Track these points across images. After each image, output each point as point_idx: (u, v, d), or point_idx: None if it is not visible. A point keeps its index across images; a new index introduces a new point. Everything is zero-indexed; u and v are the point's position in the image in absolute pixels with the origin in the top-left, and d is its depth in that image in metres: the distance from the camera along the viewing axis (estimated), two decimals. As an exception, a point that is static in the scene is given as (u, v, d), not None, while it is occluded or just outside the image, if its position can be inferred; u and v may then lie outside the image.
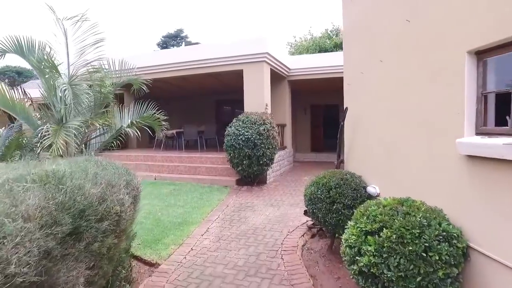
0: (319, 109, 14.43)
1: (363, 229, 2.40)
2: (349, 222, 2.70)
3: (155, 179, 9.06)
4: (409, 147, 2.97)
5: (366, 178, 4.01)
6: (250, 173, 7.85)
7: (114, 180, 2.06)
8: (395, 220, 2.27)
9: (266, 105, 8.78)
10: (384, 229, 2.27)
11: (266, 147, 7.62)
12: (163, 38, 38.62)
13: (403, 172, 3.11)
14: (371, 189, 3.75)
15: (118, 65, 4.43)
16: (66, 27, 3.53)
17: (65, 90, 2.99)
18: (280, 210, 6.11)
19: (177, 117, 16.59)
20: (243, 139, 7.48)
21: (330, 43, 25.63)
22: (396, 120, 3.23)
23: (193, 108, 16.28)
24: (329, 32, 28.25)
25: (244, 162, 7.60)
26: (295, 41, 29.01)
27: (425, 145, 2.72)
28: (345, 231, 2.65)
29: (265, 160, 7.72)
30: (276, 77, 10.97)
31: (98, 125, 3.32)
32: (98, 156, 3.61)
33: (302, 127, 14.55)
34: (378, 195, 3.67)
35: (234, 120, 8.07)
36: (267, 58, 8.71)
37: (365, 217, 2.48)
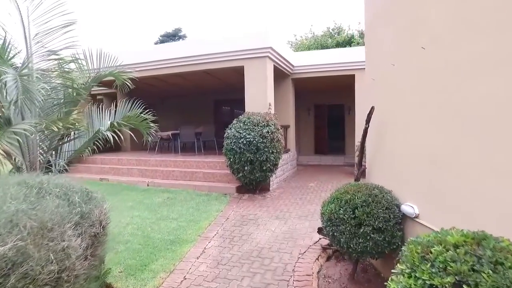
0: (323, 109, 13.70)
1: (428, 282, 1.65)
2: (397, 265, 1.95)
3: (148, 185, 8.30)
4: (474, 157, 2.22)
5: (397, 193, 3.26)
6: (252, 180, 7.10)
7: (54, 219, 1.32)
8: (482, 274, 1.52)
9: (270, 105, 8.04)
10: (464, 287, 1.52)
11: (270, 151, 6.88)
12: (160, 38, 37.82)
13: (462, 191, 2.36)
14: (408, 209, 3.01)
15: (96, 57, 3.68)
16: (24, 5, 2.78)
17: (14, 83, 2.26)
18: (287, 224, 5.36)
19: (173, 117, 15.85)
20: (245, 142, 6.74)
21: (332, 42, 24.93)
22: (449, 121, 2.48)
23: (190, 108, 15.52)
24: (331, 31, 27.55)
25: (246, 168, 6.85)
26: (296, 39, 28.30)
27: (504, 156, 1.98)
28: (392, 279, 1.89)
29: (269, 165, 6.97)
30: (279, 75, 10.23)
31: (56, 128, 2.58)
32: (74, 165, 2.85)
33: (305, 128, 13.82)
34: (416, 216, 2.93)
35: (234, 121, 7.32)
36: (270, 53, 7.97)
37: (427, 263, 1.72)
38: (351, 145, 13.07)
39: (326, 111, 13.67)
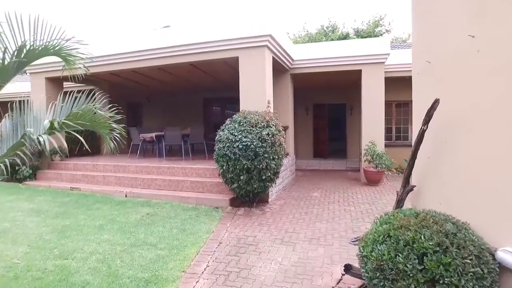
0: (322, 109, 12.65)
1: None
2: None
3: (126, 196, 7.09)
4: None
5: (480, 229, 2.17)
6: (249, 192, 5.96)
7: None
8: None
9: (268, 102, 6.91)
10: None
11: (271, 157, 5.75)
12: (148, 35, 36.44)
13: None
14: (510, 258, 1.91)
15: (30, 24, 2.49)
16: None
17: None
18: (296, 251, 4.24)
19: (161, 117, 14.61)
20: (240, 146, 5.60)
21: (326, 40, 23.99)
22: None
23: (178, 108, 14.33)
24: (325, 29, 26.64)
25: (242, 177, 5.71)
26: (289, 37, 27.26)
27: None
28: None
29: (269, 174, 5.84)
30: (277, 70, 9.12)
31: None
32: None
33: (304, 130, 12.74)
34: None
35: (227, 122, 6.18)
36: (269, 42, 6.85)
37: None
38: (353, 148, 12.05)
39: (326, 111, 12.62)
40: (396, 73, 9.78)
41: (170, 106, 14.49)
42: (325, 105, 12.59)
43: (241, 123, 5.90)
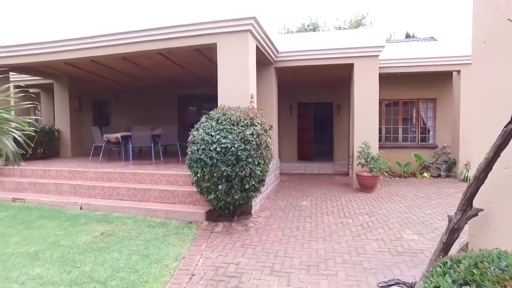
0: (308, 108, 11.77)
1: None
2: None
3: (80, 208, 5.89)
4: None
5: None
6: (229, 204, 4.93)
7: None
8: None
9: (252, 97, 5.91)
10: None
11: (256, 162, 4.75)
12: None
13: None
14: None
15: None
16: None
17: None
18: (292, 287, 3.24)
19: (131, 116, 13.33)
20: (218, 149, 4.57)
21: (308, 38, 23.28)
22: None
23: (150, 106, 13.10)
24: (306, 27, 25.99)
25: (220, 186, 4.68)
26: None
27: None
28: None
29: (254, 183, 4.83)
30: (261, 63, 8.15)
31: None
32: None
33: (287, 130, 11.82)
34: None
35: (203, 119, 5.13)
36: (253, 27, 5.85)
37: None
38: (340, 150, 11.24)
39: (312, 110, 11.75)
40: (385, 70, 9.02)
41: (141, 104, 13.23)
42: (311, 104, 11.72)
43: (220, 121, 4.86)
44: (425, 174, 9.50)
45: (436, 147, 10.29)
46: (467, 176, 8.72)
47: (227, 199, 4.82)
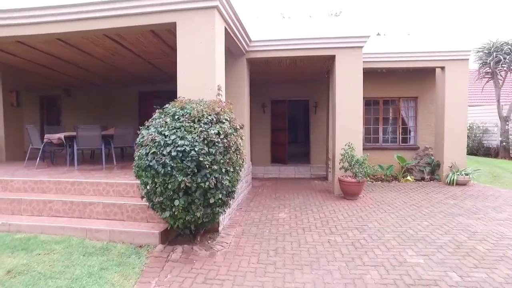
0: (282, 106, 10.83)
1: None
2: None
3: (-1, 229, 4.58)
4: None
5: None
6: (190, 222, 3.86)
7: None
8: None
9: (219, 89, 4.85)
10: None
11: (223, 169, 3.70)
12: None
13: None
14: None
15: None
16: None
17: None
18: None
19: (84, 115, 11.86)
20: (174, 153, 3.48)
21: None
22: None
23: (107, 104, 11.69)
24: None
25: (177, 202, 3.59)
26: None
27: None
28: None
29: (221, 196, 3.78)
30: (231, 53, 7.12)
31: None
32: None
33: (260, 130, 10.85)
34: None
35: (155, 115, 4.02)
36: (221, 3, 4.80)
37: None
38: (318, 152, 10.40)
39: (286, 108, 10.81)
40: (365, 65, 8.23)
41: (98, 101, 11.80)
42: (286, 102, 10.79)
43: (177, 117, 3.78)
44: (408, 177, 8.82)
45: (417, 148, 9.68)
46: (453, 179, 8.11)
47: (187, 217, 3.74)
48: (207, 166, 3.54)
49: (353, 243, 4.30)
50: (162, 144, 3.53)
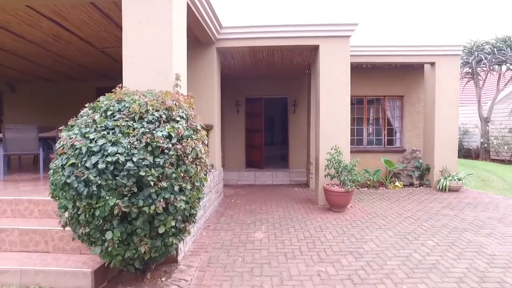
0: (258, 104, 9.82)
1: None
2: None
3: None
4: None
5: None
6: (132, 259, 2.76)
7: None
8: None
9: (178, 78, 3.76)
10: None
11: (176, 186, 2.63)
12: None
13: None
14: None
15: None
16: None
17: None
18: None
19: (33, 113, 10.38)
20: (102, 166, 2.38)
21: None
22: None
23: (60, 101, 10.29)
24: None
25: (110, 234, 2.49)
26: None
27: None
28: None
29: (175, 223, 2.71)
30: (199, 40, 6.06)
31: None
32: None
33: (233, 131, 9.82)
34: None
35: (83, 111, 2.89)
36: (178, -34, 3.73)
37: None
38: (297, 155, 9.49)
39: (263, 107, 9.81)
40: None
41: (49, 98, 10.38)
42: (262, 100, 9.79)
43: (110, 113, 2.67)
44: (397, 183, 8.04)
45: (404, 151, 8.96)
46: (445, 185, 7.39)
47: (126, 254, 2.64)
48: (152, 183, 2.46)
49: (350, 276, 3.34)
50: (84, 152, 2.42)
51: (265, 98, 9.81)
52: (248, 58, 7.35)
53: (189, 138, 2.78)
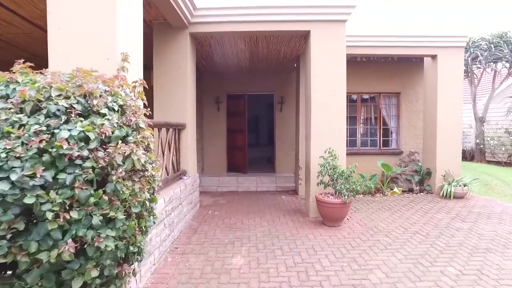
0: (241, 102, 8.86)
1: None
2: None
3: None
4: None
5: None
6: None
7: None
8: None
9: (126, 59, 2.77)
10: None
11: (98, 216, 1.65)
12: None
13: None
14: None
15: None
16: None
17: None
18: None
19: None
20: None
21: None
22: None
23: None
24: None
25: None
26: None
27: None
28: None
29: (103, 271, 1.73)
30: (169, 24, 5.09)
31: None
32: None
33: (213, 132, 8.85)
34: None
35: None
36: None
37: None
38: (284, 158, 8.60)
39: (246, 104, 8.85)
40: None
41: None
42: (245, 96, 8.83)
43: (-8, 101, 1.68)
44: (395, 189, 7.23)
45: (401, 153, 8.18)
46: (450, 191, 6.61)
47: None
48: (52, 215, 1.50)
49: (359, 329, 2.44)
50: None
51: (248, 94, 8.86)
52: (228, 47, 6.42)
53: (124, 141, 1.82)
